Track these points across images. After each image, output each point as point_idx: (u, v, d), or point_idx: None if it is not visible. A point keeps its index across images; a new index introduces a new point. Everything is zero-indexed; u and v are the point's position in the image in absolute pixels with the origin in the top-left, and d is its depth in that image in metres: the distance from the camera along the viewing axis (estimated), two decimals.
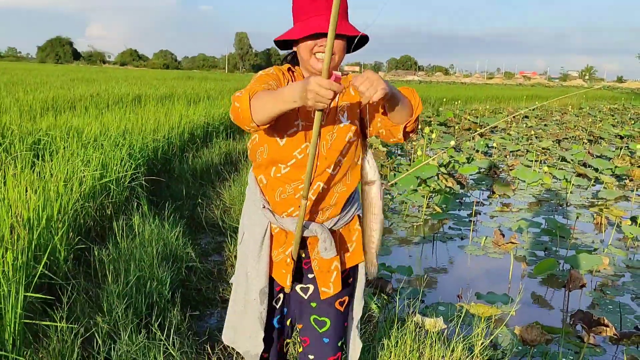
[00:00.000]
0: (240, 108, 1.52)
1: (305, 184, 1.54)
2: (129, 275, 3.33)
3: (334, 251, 1.72)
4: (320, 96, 1.32)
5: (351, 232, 1.85)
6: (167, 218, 4.39)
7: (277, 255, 1.80)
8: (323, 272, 1.79)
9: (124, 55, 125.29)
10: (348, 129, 1.71)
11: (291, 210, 1.74)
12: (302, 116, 1.67)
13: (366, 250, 1.65)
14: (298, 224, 1.64)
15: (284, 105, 1.44)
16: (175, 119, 8.63)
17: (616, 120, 19.16)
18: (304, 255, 1.82)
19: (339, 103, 1.73)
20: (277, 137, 1.67)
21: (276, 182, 1.71)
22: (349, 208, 1.80)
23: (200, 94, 15.43)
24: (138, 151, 5.67)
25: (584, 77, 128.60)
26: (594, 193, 7.69)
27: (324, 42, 1.60)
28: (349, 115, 1.72)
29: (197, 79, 29.67)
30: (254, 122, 1.51)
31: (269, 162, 1.71)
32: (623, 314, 3.81)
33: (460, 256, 5.03)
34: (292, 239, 1.74)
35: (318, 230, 1.72)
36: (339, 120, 1.71)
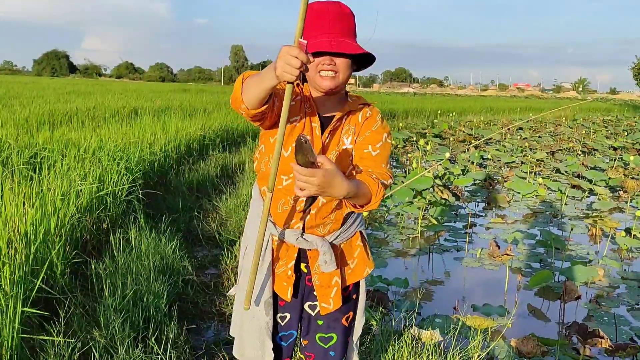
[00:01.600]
0: (234, 90, 1.59)
1: (271, 175, 1.54)
2: (125, 289, 3.33)
3: (334, 265, 1.73)
4: (289, 65, 1.34)
5: (353, 248, 1.85)
6: (163, 231, 4.41)
7: (278, 267, 1.80)
8: (323, 287, 1.79)
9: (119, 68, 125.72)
10: (349, 151, 1.74)
11: (292, 222, 1.75)
12: (306, 132, 1.71)
13: None
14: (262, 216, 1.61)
15: (265, 82, 1.47)
16: (171, 131, 8.66)
17: (609, 131, 19.30)
18: (306, 270, 1.82)
19: (344, 125, 1.76)
20: (282, 149, 1.68)
21: (279, 193, 1.72)
22: (351, 223, 1.81)
23: (196, 106, 15.48)
24: (135, 164, 5.69)
25: (578, 89, 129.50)
26: (589, 204, 7.74)
27: (326, 61, 1.64)
28: (352, 139, 1.75)
29: (193, 91, 29.75)
30: (244, 103, 1.56)
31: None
32: (619, 325, 3.83)
33: (456, 268, 5.05)
34: (294, 252, 1.77)
35: (318, 242, 1.73)
36: (342, 142, 1.74)
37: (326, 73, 1.65)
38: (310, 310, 1.86)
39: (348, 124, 1.75)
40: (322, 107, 1.75)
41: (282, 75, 1.37)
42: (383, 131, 1.76)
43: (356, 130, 1.75)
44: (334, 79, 1.65)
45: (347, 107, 1.74)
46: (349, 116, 1.75)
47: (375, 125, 1.76)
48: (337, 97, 1.75)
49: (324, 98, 1.73)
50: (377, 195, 1.63)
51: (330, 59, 1.63)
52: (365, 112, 1.77)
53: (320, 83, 1.66)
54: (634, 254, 5.49)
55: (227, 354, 3.06)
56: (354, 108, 1.75)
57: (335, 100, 1.75)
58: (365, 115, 1.77)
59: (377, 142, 1.73)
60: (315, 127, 1.72)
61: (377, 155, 1.72)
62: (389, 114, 21.72)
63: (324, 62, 1.63)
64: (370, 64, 1.77)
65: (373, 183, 1.63)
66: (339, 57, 1.64)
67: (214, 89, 40.45)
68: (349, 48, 1.63)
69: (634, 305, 4.25)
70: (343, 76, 1.67)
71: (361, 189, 1.58)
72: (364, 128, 1.75)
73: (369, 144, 1.72)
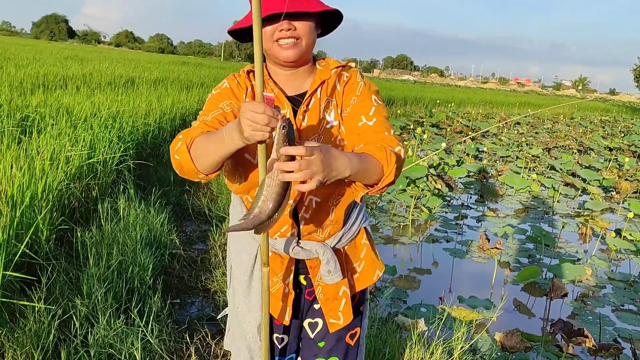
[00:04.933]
0: (181, 160, 1.32)
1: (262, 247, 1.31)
2: (110, 259, 3.29)
3: (339, 274, 1.47)
4: (256, 124, 1.12)
5: (358, 248, 1.58)
6: (153, 203, 4.35)
7: (272, 285, 1.51)
8: (329, 300, 1.51)
9: (119, 37, 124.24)
10: (336, 130, 1.44)
11: (285, 229, 1.46)
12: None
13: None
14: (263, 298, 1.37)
15: (226, 148, 1.23)
16: (167, 104, 8.55)
17: (606, 132, 19.32)
18: (305, 282, 1.55)
19: (321, 99, 1.46)
20: (250, 157, 1.41)
21: None
22: (353, 220, 1.53)
23: (194, 80, 15.32)
24: (128, 134, 5.61)
25: (577, 88, 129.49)
26: (581, 203, 7.74)
27: (284, 25, 1.35)
28: (336, 113, 1.46)
29: (192, 64, 29.46)
30: (201, 172, 1.32)
31: (251, 185, 1.45)
32: (603, 325, 3.83)
33: (445, 258, 5.04)
34: (290, 264, 1.50)
35: (319, 250, 1.45)
36: (324, 120, 1.44)
37: (286, 41, 1.37)
38: (309, 330, 1.59)
39: (326, 96, 1.46)
40: (288, 86, 1.48)
41: (252, 136, 1.15)
42: (370, 93, 1.47)
43: (337, 101, 1.46)
44: (296, 46, 1.38)
45: (318, 77, 1.46)
46: (323, 87, 1.46)
47: (359, 89, 1.46)
48: (304, 69, 1.47)
49: (288, 74, 1.47)
50: (389, 163, 1.32)
51: (289, 23, 1.35)
52: (343, 77, 1.48)
53: (280, 54, 1.39)
54: (623, 255, 5.49)
55: (209, 330, 3.04)
56: (327, 76, 1.47)
57: (302, 73, 1.47)
58: (343, 80, 1.48)
59: (369, 109, 1.44)
60: (285, 112, 1.44)
61: (375, 124, 1.42)
62: (387, 100, 21.60)
63: (281, 27, 1.36)
64: (337, 24, 1.51)
65: (379, 151, 1.33)
66: (298, 20, 1.36)
67: (213, 63, 40.08)
68: (309, 5, 1.36)
69: (619, 306, 4.26)
70: (307, 42, 1.40)
71: (366, 160, 1.29)
72: (346, 96, 1.46)
73: (361, 114, 1.43)
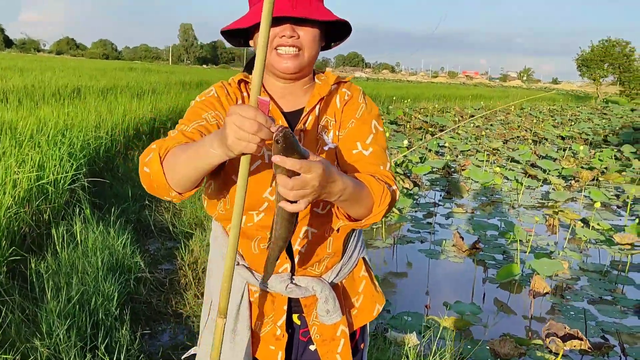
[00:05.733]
0: (151, 173, 1.11)
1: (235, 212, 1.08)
2: (70, 290, 3.01)
3: (338, 313, 1.31)
4: (243, 131, 0.93)
5: (356, 281, 1.43)
6: (112, 223, 4.06)
7: (261, 327, 1.35)
8: (327, 341, 1.34)
9: (60, 44, 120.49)
10: (333, 153, 1.28)
11: (277, 264, 1.27)
12: (267, 145, 1.18)
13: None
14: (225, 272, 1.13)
15: (206, 161, 1.04)
16: (118, 113, 8.16)
17: (556, 121, 19.83)
18: (299, 322, 1.37)
19: (320, 118, 1.29)
20: (236, 177, 1.20)
21: (250, 231, 1.29)
22: (352, 250, 1.38)
23: (144, 87, 14.80)
24: (79, 149, 5.26)
25: (522, 78, 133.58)
26: (543, 194, 7.82)
27: (286, 31, 1.18)
28: (334, 135, 1.29)
29: (140, 70, 28.63)
30: (173, 189, 1.12)
31: None
32: (585, 319, 3.79)
33: (421, 260, 4.93)
34: (282, 303, 1.32)
35: (316, 287, 1.29)
36: (321, 141, 1.27)
37: (286, 49, 1.21)
38: None
39: (325, 114, 1.30)
40: (283, 100, 1.31)
41: (235, 145, 0.95)
42: (370, 117, 1.31)
43: (337, 119, 1.30)
44: (297, 57, 1.22)
45: (317, 93, 1.29)
46: (322, 104, 1.30)
47: (360, 111, 1.30)
48: (303, 82, 1.31)
49: (284, 86, 1.29)
50: (381, 202, 1.17)
51: (292, 29, 1.18)
52: (344, 94, 1.32)
53: (278, 64, 1.22)
54: (591, 245, 5.53)
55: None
56: (326, 91, 1.30)
57: (300, 87, 1.31)
58: (343, 98, 1.32)
59: (367, 136, 1.28)
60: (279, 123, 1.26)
61: (371, 154, 1.26)
62: None
63: (283, 33, 1.18)
64: (343, 38, 1.33)
65: (376, 185, 1.18)
66: (303, 27, 1.19)
67: (162, 68, 39.11)
68: (318, 13, 1.18)
69: (598, 298, 4.24)
70: (309, 54, 1.23)
71: (360, 191, 1.13)
72: (345, 116, 1.30)
73: (357, 141, 1.27)
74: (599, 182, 8.71)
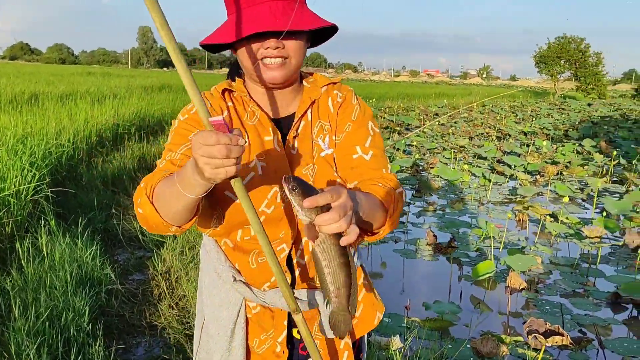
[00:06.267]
0: (145, 214, 1.09)
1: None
2: (39, 307, 2.89)
3: None
4: (215, 159, 0.88)
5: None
6: (79, 235, 3.91)
7: (259, 344, 1.29)
8: (330, 355, 1.30)
9: (13, 49, 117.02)
10: (331, 159, 1.23)
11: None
12: (259, 156, 1.19)
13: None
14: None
15: (188, 196, 0.99)
16: (80, 120, 7.93)
17: (518, 117, 20.23)
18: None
19: (313, 122, 1.25)
20: (231, 194, 1.17)
21: (247, 245, 1.23)
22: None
23: (104, 91, 14.44)
24: (41, 159, 5.07)
25: (482, 76, 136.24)
26: (511, 189, 7.93)
27: (271, 44, 1.13)
28: (330, 140, 1.24)
29: (99, 74, 27.97)
30: (171, 224, 1.08)
31: (230, 228, 1.22)
32: (561, 314, 3.84)
33: (396, 260, 4.92)
34: (282, 318, 1.26)
35: (320, 301, 1.25)
36: (317, 146, 1.23)
37: (272, 60, 1.15)
38: None
39: (317, 119, 1.25)
40: (271, 107, 1.25)
41: (214, 177, 0.91)
42: (366, 119, 1.27)
43: (331, 124, 1.25)
44: (284, 67, 1.16)
45: (307, 97, 1.25)
46: (314, 107, 1.25)
47: (355, 113, 1.26)
48: (291, 89, 1.26)
49: (270, 93, 1.24)
50: (394, 211, 1.16)
51: (277, 42, 1.13)
52: (335, 97, 1.27)
53: (265, 75, 1.16)
54: (560, 239, 5.62)
55: None
56: (317, 95, 1.25)
57: (289, 93, 1.25)
58: (336, 101, 1.26)
59: (365, 139, 1.24)
60: (270, 140, 1.20)
61: (372, 158, 1.23)
62: None
63: (268, 45, 1.13)
64: (329, 37, 1.28)
65: (386, 195, 1.15)
66: (289, 39, 1.15)
67: (122, 72, 38.30)
68: (303, 22, 1.13)
69: (571, 291, 4.30)
70: (296, 61, 1.18)
71: (373, 205, 1.12)
72: (340, 120, 1.25)
73: (356, 145, 1.23)
74: (563, 176, 8.90)
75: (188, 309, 3.36)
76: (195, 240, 4.25)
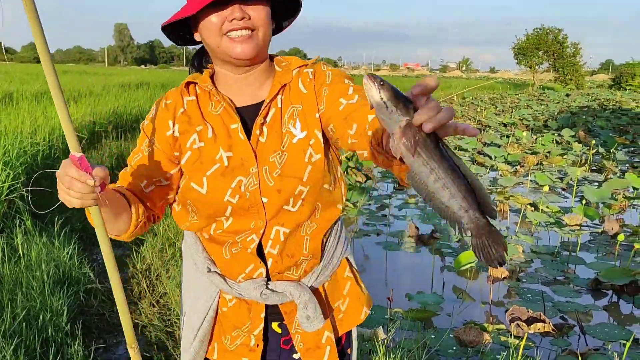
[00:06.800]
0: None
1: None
2: (15, 307, 2.83)
3: (320, 319, 1.22)
4: (61, 185, 0.94)
5: (340, 283, 1.32)
6: (56, 234, 3.84)
7: (232, 341, 1.26)
8: (311, 349, 1.26)
9: None
10: (305, 143, 1.17)
11: (250, 269, 1.21)
12: (224, 146, 1.16)
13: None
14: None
15: (93, 219, 1.05)
16: (55, 118, 7.78)
17: (497, 108, 20.41)
18: (280, 330, 1.28)
19: (284, 108, 1.19)
20: (197, 185, 1.17)
21: (221, 237, 1.21)
22: (333, 251, 1.28)
23: (81, 90, 14.23)
24: (15, 157, 4.96)
25: (462, 69, 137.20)
26: (492, 180, 7.99)
27: (236, 13, 1.08)
28: (303, 123, 1.18)
29: (75, 72, 27.60)
30: (133, 233, 1.20)
31: (205, 222, 1.21)
32: (542, 302, 3.87)
33: (378, 253, 4.92)
34: (259, 311, 1.23)
35: (294, 292, 1.21)
36: (288, 132, 1.17)
37: (238, 33, 1.10)
38: None
39: (290, 104, 1.18)
40: (240, 94, 1.21)
41: (62, 199, 0.96)
42: (340, 77, 1.19)
43: (304, 106, 1.18)
44: (252, 39, 1.11)
45: (277, 81, 1.19)
46: (285, 92, 1.20)
47: (328, 78, 1.19)
48: (261, 70, 1.20)
49: (240, 78, 1.19)
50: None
51: (241, 10, 1.09)
52: (306, 76, 1.21)
53: (233, 50, 1.11)
54: (541, 228, 5.67)
55: None
56: (289, 78, 1.20)
57: (258, 76, 1.20)
58: (307, 79, 1.20)
59: (346, 90, 1.14)
60: (236, 129, 1.17)
61: (359, 99, 1.10)
62: None
63: (233, 16, 1.08)
64: (292, 15, 1.24)
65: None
66: (252, 4, 1.10)
67: (98, 70, 37.79)
68: None
69: (552, 279, 4.34)
70: (264, 32, 1.13)
71: None
72: (318, 91, 1.18)
73: (339, 97, 1.13)
74: (543, 166, 8.99)
75: (169, 307, 3.31)
76: (176, 238, 4.20)
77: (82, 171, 0.94)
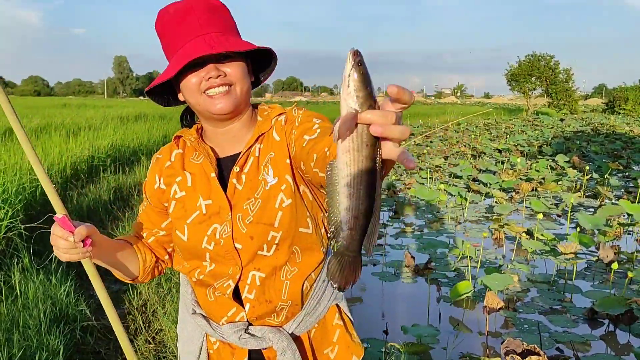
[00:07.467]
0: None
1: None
2: (12, 347, 2.83)
3: None
4: (65, 249, 1.15)
5: (329, 330, 1.33)
6: (54, 271, 3.86)
7: None
8: None
9: None
10: (277, 189, 1.21)
11: (232, 312, 1.25)
12: (203, 195, 1.24)
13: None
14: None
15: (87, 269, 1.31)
16: (54, 153, 7.85)
17: (492, 134, 20.57)
18: None
19: (261, 157, 1.24)
20: (179, 232, 1.27)
21: (204, 279, 1.28)
22: (318, 297, 1.29)
23: (80, 123, 14.35)
24: (14, 194, 5.00)
25: (457, 94, 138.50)
26: (487, 207, 8.03)
27: (212, 72, 1.15)
28: (275, 169, 1.22)
29: (75, 106, 27.82)
30: (143, 278, 1.41)
31: (190, 266, 1.29)
32: (539, 332, 3.87)
33: (375, 284, 4.93)
34: (243, 355, 1.26)
35: (272, 338, 1.22)
36: (263, 180, 1.22)
37: (216, 90, 1.16)
38: None
39: (268, 151, 1.23)
40: (222, 146, 1.28)
41: (69, 259, 1.17)
42: (309, 116, 1.21)
43: (276, 153, 1.22)
44: (230, 94, 1.17)
45: (257, 131, 1.25)
46: (263, 141, 1.25)
47: (297, 119, 1.22)
48: (243, 122, 1.27)
49: (224, 131, 1.26)
50: None
51: (217, 68, 1.15)
52: (280, 123, 1.26)
53: (212, 107, 1.17)
54: (536, 255, 5.69)
55: None
56: (267, 127, 1.25)
57: (241, 127, 1.26)
58: (280, 126, 1.25)
59: (311, 127, 1.15)
60: (214, 178, 1.23)
61: (322, 131, 1.11)
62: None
63: (209, 75, 1.15)
64: (270, 66, 1.29)
65: None
66: (227, 63, 1.16)
67: (97, 102, 38.09)
68: (237, 44, 1.15)
69: (549, 308, 4.35)
70: (241, 88, 1.19)
71: None
72: (288, 135, 1.22)
73: (303, 135, 1.14)
74: (538, 193, 9.04)
75: (165, 343, 3.32)
76: (172, 273, 4.21)
77: (66, 230, 1.12)
